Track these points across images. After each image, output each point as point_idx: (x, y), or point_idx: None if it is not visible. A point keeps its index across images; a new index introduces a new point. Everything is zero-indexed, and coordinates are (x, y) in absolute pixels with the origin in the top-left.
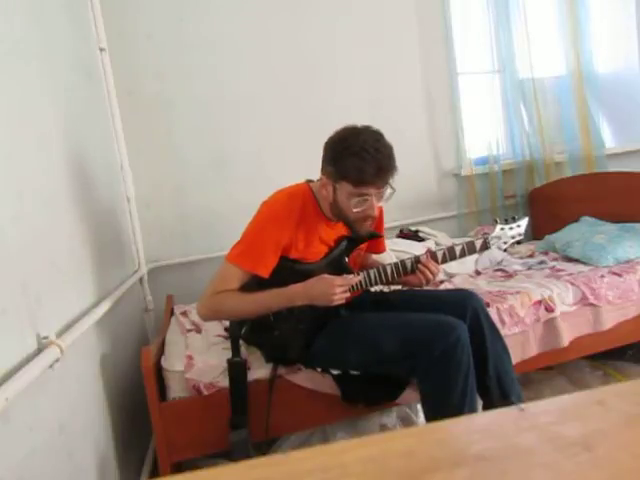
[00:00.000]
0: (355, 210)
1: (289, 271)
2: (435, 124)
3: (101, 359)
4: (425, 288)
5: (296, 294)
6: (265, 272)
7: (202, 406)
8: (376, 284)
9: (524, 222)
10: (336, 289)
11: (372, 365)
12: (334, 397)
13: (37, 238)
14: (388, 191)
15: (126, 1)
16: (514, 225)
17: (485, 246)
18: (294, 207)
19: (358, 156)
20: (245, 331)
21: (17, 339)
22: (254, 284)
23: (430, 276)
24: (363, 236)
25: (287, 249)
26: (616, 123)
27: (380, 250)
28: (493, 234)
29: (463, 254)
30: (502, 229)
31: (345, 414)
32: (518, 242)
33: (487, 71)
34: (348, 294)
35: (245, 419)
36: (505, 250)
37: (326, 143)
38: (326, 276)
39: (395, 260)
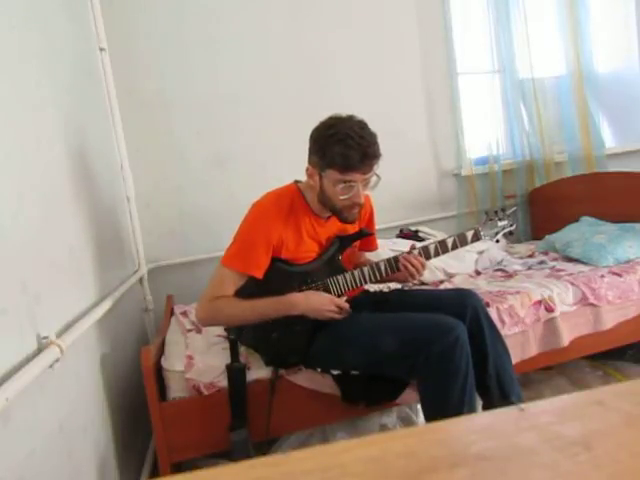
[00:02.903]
0: (342, 197)
1: (285, 273)
2: (435, 124)
3: (101, 359)
4: (423, 287)
5: (296, 303)
6: (258, 272)
7: (202, 406)
8: (370, 282)
9: (513, 213)
10: (333, 306)
11: (372, 365)
12: (334, 397)
13: (37, 238)
14: (373, 179)
15: (126, 1)
16: (503, 216)
17: (476, 237)
18: (282, 206)
19: (343, 143)
20: (243, 335)
21: (17, 339)
22: (253, 286)
23: (412, 269)
24: (355, 234)
25: (278, 248)
26: (616, 123)
27: (372, 247)
28: (483, 226)
29: (455, 246)
30: (491, 220)
31: (345, 414)
32: (510, 233)
33: (487, 71)
34: (339, 316)
35: (245, 419)
36: (497, 241)
37: (311, 134)
38: (325, 294)
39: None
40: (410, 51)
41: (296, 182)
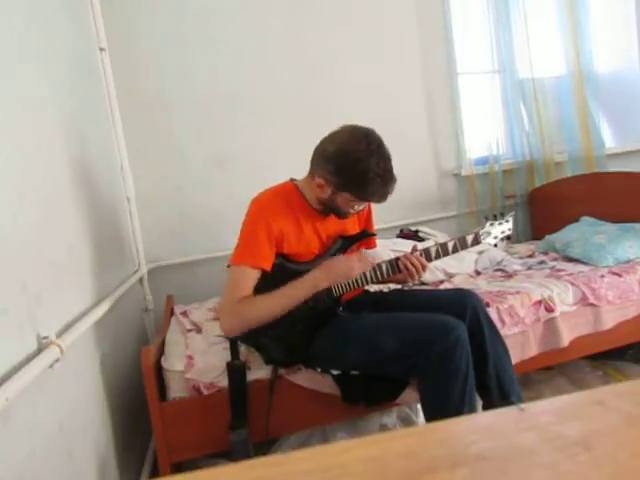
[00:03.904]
0: (351, 210)
1: (290, 272)
2: (435, 124)
3: (101, 359)
4: (423, 287)
5: (318, 278)
6: (267, 264)
7: (202, 406)
8: (372, 282)
9: (511, 218)
10: (354, 262)
11: (372, 365)
12: (334, 397)
13: (37, 238)
14: None
15: (126, 1)
16: (502, 221)
17: (476, 241)
18: (281, 200)
19: (373, 182)
20: (243, 334)
21: (17, 339)
22: (262, 287)
23: (412, 268)
24: (358, 234)
25: (280, 242)
26: (616, 123)
27: (372, 245)
28: (483, 230)
29: (455, 250)
30: (491, 224)
31: (345, 414)
32: (508, 237)
33: (487, 71)
34: (366, 269)
35: (245, 419)
36: (496, 245)
37: (328, 155)
38: (341, 256)
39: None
40: (410, 51)
41: (292, 180)
